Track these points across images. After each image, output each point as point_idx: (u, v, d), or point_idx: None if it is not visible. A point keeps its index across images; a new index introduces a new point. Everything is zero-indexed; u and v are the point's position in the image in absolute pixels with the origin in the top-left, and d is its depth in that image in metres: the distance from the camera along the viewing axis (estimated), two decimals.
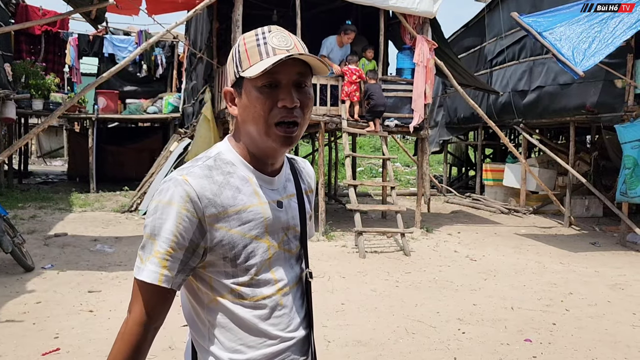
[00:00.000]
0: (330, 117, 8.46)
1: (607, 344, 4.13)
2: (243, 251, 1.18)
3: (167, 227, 1.12)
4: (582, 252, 7.57)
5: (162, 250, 1.12)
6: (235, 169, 1.21)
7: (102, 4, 6.95)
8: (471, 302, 5.11)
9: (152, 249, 1.13)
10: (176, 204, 1.12)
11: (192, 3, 8.51)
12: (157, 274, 1.13)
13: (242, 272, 1.20)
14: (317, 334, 4.07)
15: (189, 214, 1.13)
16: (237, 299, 1.20)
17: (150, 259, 1.13)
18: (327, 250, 7.25)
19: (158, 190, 1.16)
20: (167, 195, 1.13)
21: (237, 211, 1.18)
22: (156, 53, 14.60)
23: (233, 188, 1.19)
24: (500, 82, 11.52)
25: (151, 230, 1.14)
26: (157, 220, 1.13)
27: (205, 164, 1.19)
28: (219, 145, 1.26)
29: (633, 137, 7.69)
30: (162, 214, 1.13)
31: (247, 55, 1.16)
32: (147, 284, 1.14)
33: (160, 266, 1.13)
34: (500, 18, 11.40)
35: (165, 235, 1.12)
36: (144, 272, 1.13)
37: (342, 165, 13.86)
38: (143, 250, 1.16)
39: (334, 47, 8.69)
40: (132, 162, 14.22)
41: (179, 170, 1.18)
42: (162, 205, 1.13)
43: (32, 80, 12.07)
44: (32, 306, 4.61)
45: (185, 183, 1.13)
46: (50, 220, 8.57)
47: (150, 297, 1.15)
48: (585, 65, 6.76)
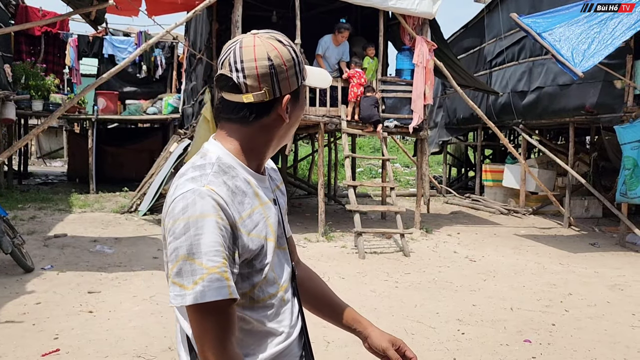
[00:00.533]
0: (330, 117, 8.47)
1: (606, 344, 4.14)
2: (259, 253, 1.19)
3: (209, 241, 1.06)
4: (581, 253, 7.57)
5: (216, 264, 1.06)
6: (237, 173, 1.21)
7: (101, 5, 6.96)
8: (470, 302, 5.12)
9: (201, 268, 1.05)
10: (211, 214, 1.08)
11: (192, 4, 8.51)
12: (225, 288, 1.07)
13: (257, 273, 1.20)
14: (316, 334, 4.09)
15: (224, 223, 1.10)
16: (249, 303, 1.20)
17: (206, 277, 1.05)
18: (327, 250, 7.25)
19: (179, 207, 1.09)
20: (197, 209, 1.08)
21: (248, 215, 1.18)
22: (156, 54, 14.60)
23: (241, 192, 1.18)
24: (500, 82, 11.52)
25: (188, 249, 1.06)
26: (194, 237, 1.06)
27: (215, 171, 1.17)
28: (213, 150, 1.23)
29: (632, 138, 7.70)
30: (198, 229, 1.06)
31: (303, 65, 1.26)
32: (216, 303, 1.06)
33: (223, 279, 1.07)
34: (500, 19, 11.41)
35: (211, 249, 1.06)
36: (209, 292, 1.05)
37: (342, 166, 13.86)
38: (183, 275, 1.06)
39: (329, 46, 8.72)
40: (131, 163, 14.22)
41: (191, 180, 1.13)
42: (194, 221, 1.07)
43: (32, 81, 12.07)
44: (31, 307, 4.61)
45: (212, 192, 1.10)
46: (49, 221, 8.57)
47: (225, 315, 1.09)
48: (585, 66, 6.77)
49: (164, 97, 13.94)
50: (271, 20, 9.94)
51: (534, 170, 10.98)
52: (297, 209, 11.12)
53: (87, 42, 14.23)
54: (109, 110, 13.54)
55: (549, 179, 11.31)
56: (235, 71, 1.18)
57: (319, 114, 8.42)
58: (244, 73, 1.17)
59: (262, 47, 1.18)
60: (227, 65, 1.19)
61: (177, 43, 14.82)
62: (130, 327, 4.21)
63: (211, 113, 8.90)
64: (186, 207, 1.08)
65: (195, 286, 1.05)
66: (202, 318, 1.08)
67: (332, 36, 8.70)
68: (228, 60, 1.19)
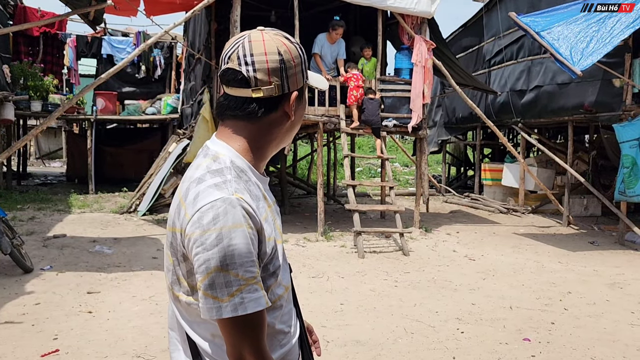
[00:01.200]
0: (329, 117, 8.47)
1: (605, 342, 4.14)
2: (273, 256, 1.18)
3: (244, 252, 1.06)
4: (580, 252, 7.58)
5: (252, 275, 1.06)
6: (249, 177, 1.20)
7: (100, 5, 6.95)
8: (470, 301, 5.12)
9: (238, 279, 1.05)
10: (243, 224, 1.07)
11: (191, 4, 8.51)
12: (263, 299, 1.07)
13: (270, 276, 1.18)
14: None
15: (253, 231, 1.09)
16: None
17: (244, 289, 1.05)
18: (326, 250, 7.25)
19: (209, 217, 1.06)
20: (229, 219, 1.06)
21: (264, 219, 1.17)
22: (154, 54, 14.58)
23: (255, 197, 1.17)
24: (499, 81, 11.53)
25: (222, 261, 1.04)
26: (228, 248, 1.04)
27: (234, 177, 1.15)
28: (223, 152, 1.20)
29: (631, 137, 7.71)
30: (231, 240, 1.05)
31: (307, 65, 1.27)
32: (257, 314, 1.07)
33: (260, 289, 1.07)
34: (498, 18, 11.41)
35: (246, 260, 1.06)
36: (249, 304, 1.05)
37: (341, 165, 13.86)
38: (216, 287, 1.05)
39: (324, 44, 8.71)
40: (130, 163, 14.20)
41: (215, 187, 1.10)
42: (227, 231, 1.05)
43: (31, 81, 12.06)
44: (31, 307, 4.61)
45: (241, 201, 1.09)
46: (49, 221, 8.56)
47: (262, 325, 1.10)
48: (583, 64, 6.77)
49: (162, 97, 13.93)
50: (270, 20, 9.95)
51: (533, 169, 10.98)
52: (297, 209, 11.12)
53: (85, 42, 14.22)
54: (107, 110, 13.53)
55: (548, 178, 11.31)
56: (245, 64, 1.16)
57: (318, 114, 8.42)
58: (254, 67, 1.16)
59: (272, 42, 1.18)
60: (235, 58, 1.17)
61: (175, 43, 14.81)
62: (130, 327, 4.21)
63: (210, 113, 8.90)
64: (217, 217, 1.06)
65: (233, 298, 1.05)
66: (242, 328, 1.07)
67: (327, 34, 8.69)
68: (236, 54, 1.17)
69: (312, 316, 4.51)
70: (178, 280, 1.17)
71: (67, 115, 12.98)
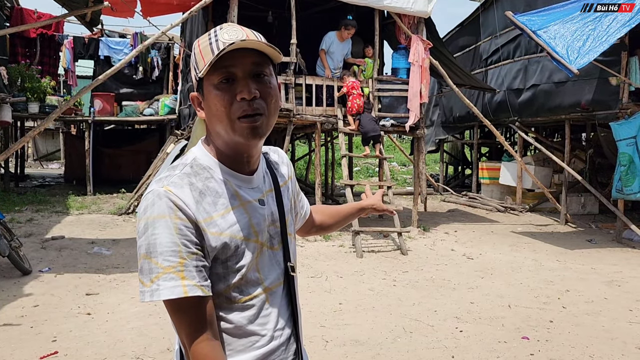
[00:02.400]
0: (327, 117, 8.48)
1: (603, 340, 4.16)
2: (235, 253, 1.17)
3: (165, 241, 1.08)
4: (578, 250, 7.60)
5: (171, 264, 1.07)
6: (213, 173, 1.20)
7: (96, 7, 6.95)
8: (468, 300, 5.13)
9: (157, 267, 1.07)
10: (167, 215, 1.09)
11: (187, 5, 8.50)
12: (179, 287, 1.07)
13: (233, 273, 1.18)
14: (315, 334, 4.10)
15: (183, 222, 1.10)
16: (225, 303, 1.18)
17: (160, 276, 1.07)
18: (325, 250, 7.26)
19: (142, 207, 1.12)
20: (155, 209, 1.09)
21: (221, 215, 1.16)
22: (152, 55, 14.56)
23: (213, 193, 1.17)
24: (496, 80, 11.55)
25: (147, 249, 1.09)
26: (151, 237, 1.08)
27: (183, 172, 1.17)
28: (193, 151, 1.24)
29: (628, 135, 7.73)
30: (155, 229, 1.08)
31: (201, 56, 1.16)
32: (182, 300, 1.08)
33: (178, 278, 1.07)
34: (495, 17, 11.43)
35: (166, 249, 1.08)
36: (163, 291, 1.07)
37: (339, 165, 13.88)
38: (143, 273, 1.09)
39: (333, 41, 8.72)
40: (129, 164, 14.19)
41: (157, 181, 1.15)
42: (152, 221, 1.09)
43: (28, 83, 12.03)
44: (29, 309, 4.60)
45: (169, 193, 1.11)
46: (47, 223, 8.55)
47: (194, 313, 1.10)
48: (580, 63, 6.79)
49: (160, 98, 13.91)
50: (267, 20, 9.95)
51: (531, 168, 11.01)
52: None
53: (82, 43, 14.19)
54: (105, 111, 13.51)
55: (545, 176, 11.34)
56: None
57: (315, 114, 8.42)
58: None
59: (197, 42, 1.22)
60: None
61: (173, 44, 14.79)
62: (129, 328, 4.21)
63: None
64: (146, 208, 1.11)
65: (152, 284, 1.08)
66: (173, 314, 1.11)
67: (337, 32, 8.72)
68: None
69: (310, 316, 4.52)
70: None
71: (65, 117, 12.95)
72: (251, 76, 1.16)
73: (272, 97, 1.19)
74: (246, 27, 1.20)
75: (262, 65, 1.18)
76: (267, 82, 1.18)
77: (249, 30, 1.18)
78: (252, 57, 1.16)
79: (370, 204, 1.80)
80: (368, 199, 1.82)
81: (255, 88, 1.15)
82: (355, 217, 1.81)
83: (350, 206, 1.81)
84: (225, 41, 1.13)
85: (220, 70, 1.14)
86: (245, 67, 1.15)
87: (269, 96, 1.18)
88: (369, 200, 1.82)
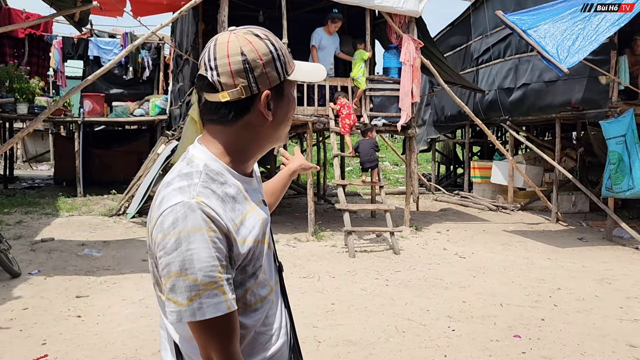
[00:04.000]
0: (318, 117, 8.46)
1: (595, 338, 4.18)
2: (252, 257, 1.16)
3: (203, 256, 1.03)
4: (569, 248, 7.64)
5: (212, 280, 1.04)
6: (226, 179, 1.17)
7: (85, 6, 6.89)
8: (461, 299, 5.14)
9: (197, 284, 1.03)
10: (203, 228, 1.04)
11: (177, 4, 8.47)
12: (223, 304, 1.04)
13: (250, 277, 1.17)
14: (307, 334, 4.08)
15: (217, 234, 1.06)
16: (241, 309, 1.16)
17: (202, 294, 1.03)
18: (317, 250, 7.25)
19: (169, 222, 1.05)
20: (188, 222, 1.04)
21: (241, 221, 1.15)
22: (142, 55, 14.49)
23: (231, 199, 1.15)
24: (487, 80, 11.59)
25: (181, 266, 1.03)
26: (186, 252, 1.03)
27: (203, 180, 1.13)
28: (199, 155, 1.19)
29: (617, 133, 7.78)
30: (190, 244, 1.03)
31: (287, 59, 1.20)
32: (220, 318, 1.05)
33: (220, 294, 1.04)
34: (486, 16, 11.47)
35: (205, 265, 1.03)
36: (208, 309, 1.03)
37: (331, 165, 13.87)
38: (176, 291, 1.04)
39: (322, 36, 8.73)
40: (119, 165, 14.11)
41: (179, 191, 1.09)
42: (186, 235, 1.04)
43: (16, 84, 11.93)
44: (18, 313, 4.56)
45: (201, 204, 1.06)
46: (36, 225, 8.48)
47: (229, 329, 1.08)
48: (570, 62, 6.82)
49: (151, 98, 13.84)
50: (258, 20, 9.92)
51: (522, 167, 11.06)
52: (287, 209, 11.10)
53: (72, 44, 14.09)
54: (95, 112, 13.42)
55: (536, 175, 11.40)
56: (210, 69, 1.15)
57: (307, 114, 8.41)
58: (217, 71, 1.14)
59: (236, 43, 1.15)
60: (202, 64, 1.17)
61: (163, 44, 14.72)
62: (120, 330, 4.18)
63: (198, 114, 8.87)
64: (176, 221, 1.05)
65: (192, 303, 1.03)
66: (206, 332, 1.06)
67: (324, 27, 8.72)
68: (203, 60, 1.17)
69: (303, 317, 4.51)
70: (157, 281, 1.16)
71: (54, 118, 12.87)
72: None
73: None
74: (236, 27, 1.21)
75: None
76: None
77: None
78: None
79: (298, 164, 1.81)
80: (294, 162, 1.83)
81: None
82: (288, 184, 1.82)
83: (281, 175, 1.80)
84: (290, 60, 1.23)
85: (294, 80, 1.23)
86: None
87: None
88: (295, 162, 1.82)
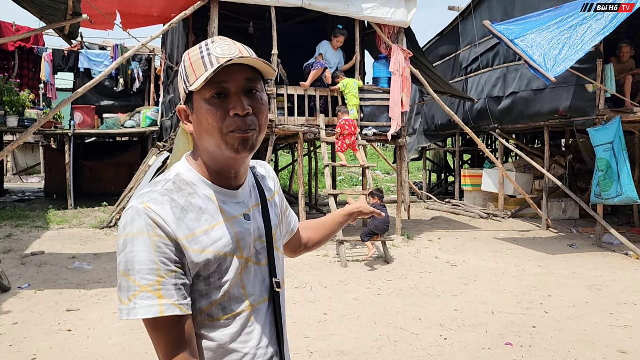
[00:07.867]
0: (309, 127, 8.50)
1: (586, 344, 4.20)
2: (218, 269, 1.16)
3: (143, 259, 1.06)
4: (560, 255, 7.69)
5: (148, 282, 1.06)
6: (197, 189, 1.18)
7: (75, 20, 6.90)
8: (452, 307, 5.15)
9: (135, 285, 1.06)
10: (146, 233, 1.08)
11: (168, 17, 8.50)
12: (156, 307, 1.06)
13: (216, 290, 1.16)
14: (299, 345, 4.08)
15: (162, 239, 1.08)
16: (207, 320, 1.17)
17: (137, 295, 1.06)
18: (309, 260, 7.24)
19: (121, 224, 1.11)
20: (134, 226, 1.08)
21: (205, 231, 1.15)
22: (133, 67, 14.49)
23: (196, 209, 1.16)
24: (476, 88, 11.69)
25: (125, 266, 1.07)
26: (130, 254, 1.07)
27: (165, 188, 1.15)
28: (177, 166, 1.23)
29: (605, 140, 7.86)
30: (134, 246, 1.07)
31: (192, 70, 1.14)
32: (159, 320, 1.07)
33: (155, 297, 1.06)
34: (474, 26, 11.60)
35: (144, 267, 1.06)
36: (140, 310, 1.06)
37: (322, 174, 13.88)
38: (121, 290, 1.08)
39: (328, 50, 8.86)
40: (110, 177, 14.07)
41: (138, 197, 1.13)
42: (131, 238, 1.08)
43: (7, 97, 11.89)
44: (8, 327, 4.52)
45: (148, 210, 1.09)
46: (26, 238, 8.42)
47: (170, 331, 1.09)
48: (557, 71, 6.91)
49: (142, 110, 13.82)
50: (248, 31, 9.97)
51: (512, 174, 11.14)
52: None
53: (62, 56, 14.07)
54: (86, 124, 13.38)
55: (526, 183, 11.48)
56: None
57: (297, 124, 8.44)
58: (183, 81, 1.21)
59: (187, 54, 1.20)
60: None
61: (154, 56, 14.74)
62: (111, 344, 4.15)
63: None
64: (126, 225, 1.10)
65: (129, 303, 1.07)
66: (151, 332, 1.10)
67: (330, 42, 8.89)
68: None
69: (295, 327, 4.50)
70: None
71: (45, 130, 12.80)
72: (244, 92, 1.15)
73: (264, 113, 1.19)
74: (228, 38, 1.20)
75: (255, 81, 1.17)
76: (259, 98, 1.18)
77: (241, 45, 1.18)
78: (246, 73, 1.15)
79: (356, 207, 1.77)
80: (354, 204, 1.80)
81: (248, 104, 1.14)
82: (342, 225, 1.78)
83: (335, 214, 1.78)
84: (219, 56, 1.12)
85: (213, 85, 1.12)
86: (238, 82, 1.14)
87: (261, 112, 1.18)
88: (355, 204, 1.79)
